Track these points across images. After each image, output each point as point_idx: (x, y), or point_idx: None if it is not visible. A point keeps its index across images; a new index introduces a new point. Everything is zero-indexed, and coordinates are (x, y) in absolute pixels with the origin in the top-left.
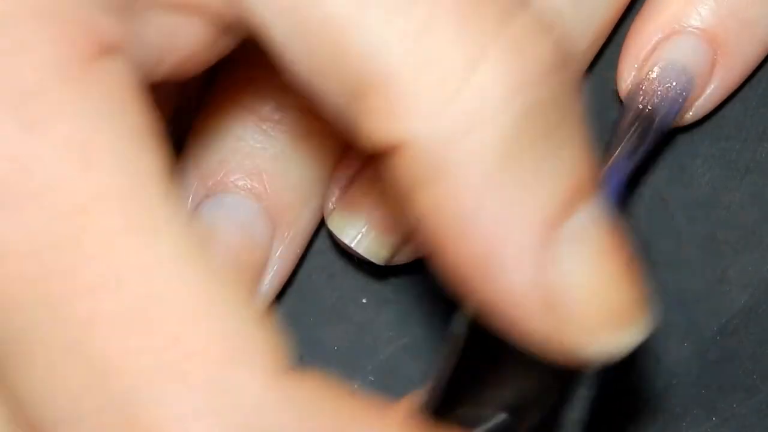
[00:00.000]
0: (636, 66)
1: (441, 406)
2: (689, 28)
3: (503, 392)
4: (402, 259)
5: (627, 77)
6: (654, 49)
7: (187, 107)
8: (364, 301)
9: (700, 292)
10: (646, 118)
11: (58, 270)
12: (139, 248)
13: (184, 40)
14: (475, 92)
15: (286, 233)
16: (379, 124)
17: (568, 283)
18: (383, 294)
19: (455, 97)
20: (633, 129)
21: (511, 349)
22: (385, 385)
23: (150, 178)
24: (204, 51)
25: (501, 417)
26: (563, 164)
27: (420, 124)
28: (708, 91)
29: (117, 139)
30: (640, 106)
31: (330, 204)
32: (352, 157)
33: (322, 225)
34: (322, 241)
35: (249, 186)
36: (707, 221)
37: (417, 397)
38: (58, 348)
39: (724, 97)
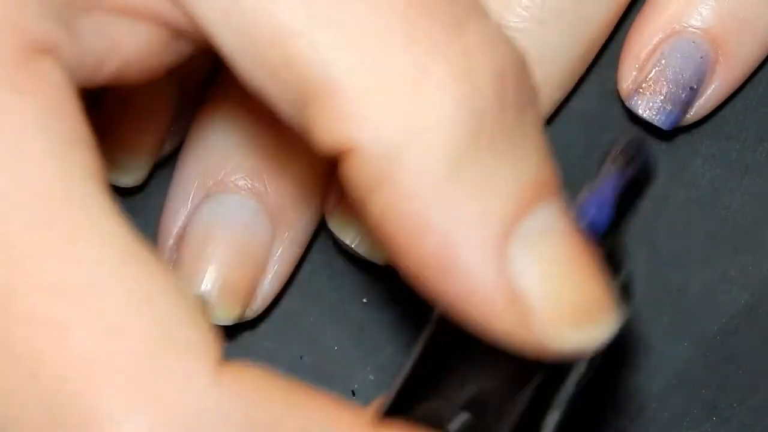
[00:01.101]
0: (636, 66)
1: (402, 402)
2: (690, 28)
3: (467, 388)
4: None
5: (627, 77)
6: (655, 49)
7: (188, 107)
8: (364, 300)
9: (700, 292)
10: (634, 142)
11: None
12: (69, 245)
13: (128, 44)
14: (424, 98)
15: (287, 233)
16: (327, 130)
17: (527, 281)
18: (384, 293)
19: (403, 103)
20: (623, 150)
21: (476, 345)
22: (386, 385)
23: (78, 176)
24: (156, 55)
25: (463, 417)
26: (519, 165)
27: (367, 130)
28: (709, 91)
29: (47, 139)
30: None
31: (331, 205)
32: None
33: (322, 224)
34: (322, 241)
35: (249, 186)
36: (708, 221)
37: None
38: None
39: (725, 97)
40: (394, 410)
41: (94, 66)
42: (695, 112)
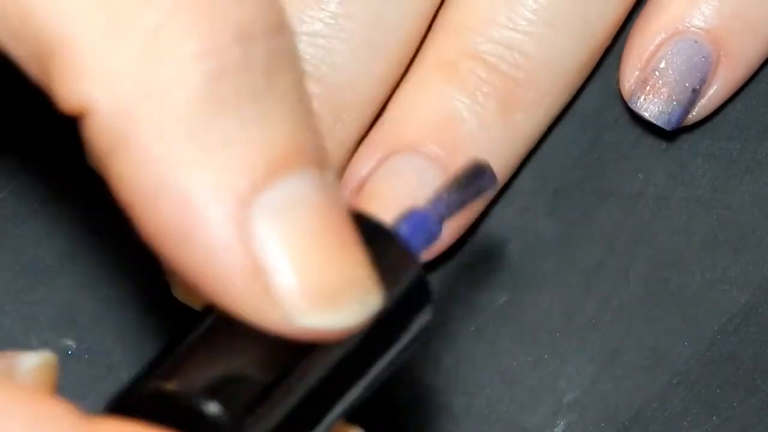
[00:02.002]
0: (639, 66)
1: (137, 391)
2: (692, 29)
3: (216, 374)
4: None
5: (630, 77)
6: (657, 49)
7: None
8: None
9: (700, 292)
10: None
11: None
12: None
13: None
14: (159, 54)
15: None
16: (66, 88)
17: (270, 253)
18: None
19: (138, 60)
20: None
21: (225, 326)
22: (386, 384)
23: None
24: None
25: (210, 406)
26: (266, 131)
27: (103, 88)
28: (711, 91)
29: None
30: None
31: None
32: (364, 157)
33: None
34: None
35: None
36: (708, 220)
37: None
38: None
39: (727, 97)
40: (126, 400)
41: None
42: (697, 112)
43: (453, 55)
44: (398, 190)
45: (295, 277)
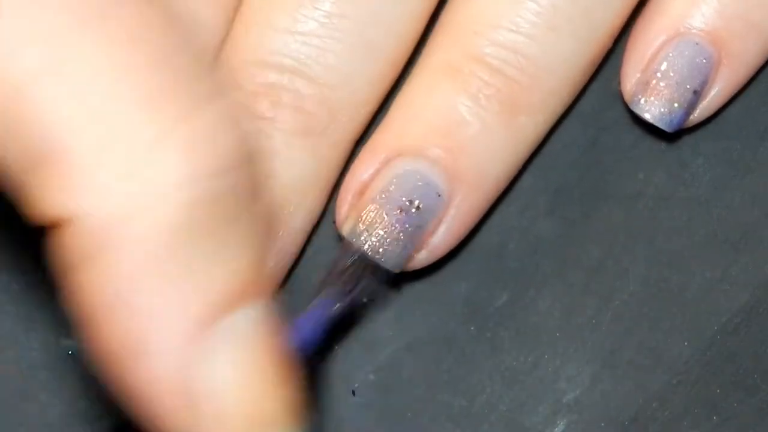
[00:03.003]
0: (640, 68)
1: None
2: (694, 30)
3: None
4: (415, 265)
5: (631, 79)
6: (659, 51)
7: None
8: (365, 299)
9: (700, 291)
10: (362, 261)
11: None
12: None
13: None
14: (147, 176)
15: (281, 231)
16: (49, 197)
17: (211, 383)
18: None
19: (127, 178)
20: (347, 270)
21: None
22: (386, 384)
23: None
24: None
25: None
26: (226, 264)
27: (89, 201)
28: (712, 93)
29: None
30: (359, 247)
31: (343, 211)
32: (366, 161)
33: (322, 225)
34: (323, 240)
35: None
36: (708, 220)
37: None
38: None
39: (728, 98)
40: None
41: None
42: (699, 113)
43: (456, 57)
44: (401, 195)
45: (233, 403)
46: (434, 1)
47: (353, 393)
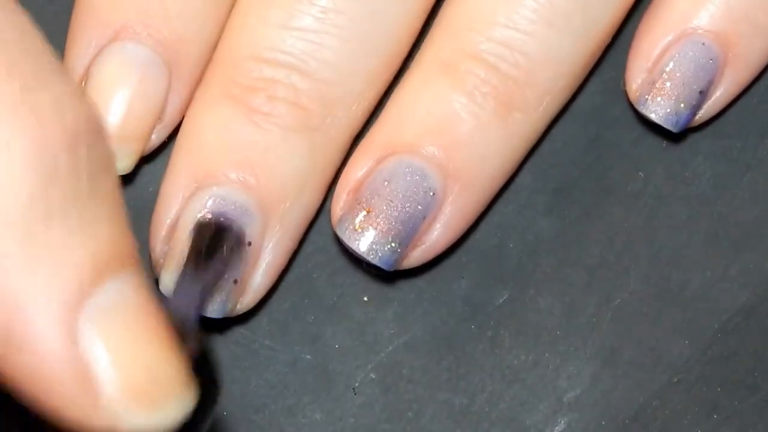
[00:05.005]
0: (646, 68)
1: None
2: (700, 30)
3: None
4: (410, 264)
5: (637, 79)
6: (665, 51)
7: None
8: (365, 299)
9: (701, 290)
10: (215, 236)
11: None
12: None
13: None
14: None
15: (277, 227)
16: None
17: (96, 358)
18: (384, 292)
19: None
20: (202, 247)
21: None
22: (386, 383)
23: None
24: None
25: None
26: (91, 235)
27: None
28: (718, 93)
29: None
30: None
31: (338, 209)
32: (362, 158)
33: (322, 223)
34: (322, 239)
35: (240, 179)
36: (708, 219)
37: None
38: None
39: (732, 99)
40: None
41: None
42: (703, 113)
43: (452, 54)
44: (396, 192)
45: (121, 379)
46: None
47: (354, 391)
